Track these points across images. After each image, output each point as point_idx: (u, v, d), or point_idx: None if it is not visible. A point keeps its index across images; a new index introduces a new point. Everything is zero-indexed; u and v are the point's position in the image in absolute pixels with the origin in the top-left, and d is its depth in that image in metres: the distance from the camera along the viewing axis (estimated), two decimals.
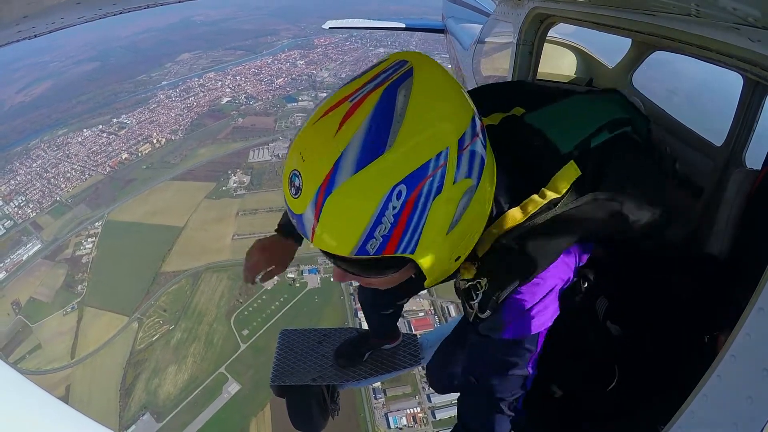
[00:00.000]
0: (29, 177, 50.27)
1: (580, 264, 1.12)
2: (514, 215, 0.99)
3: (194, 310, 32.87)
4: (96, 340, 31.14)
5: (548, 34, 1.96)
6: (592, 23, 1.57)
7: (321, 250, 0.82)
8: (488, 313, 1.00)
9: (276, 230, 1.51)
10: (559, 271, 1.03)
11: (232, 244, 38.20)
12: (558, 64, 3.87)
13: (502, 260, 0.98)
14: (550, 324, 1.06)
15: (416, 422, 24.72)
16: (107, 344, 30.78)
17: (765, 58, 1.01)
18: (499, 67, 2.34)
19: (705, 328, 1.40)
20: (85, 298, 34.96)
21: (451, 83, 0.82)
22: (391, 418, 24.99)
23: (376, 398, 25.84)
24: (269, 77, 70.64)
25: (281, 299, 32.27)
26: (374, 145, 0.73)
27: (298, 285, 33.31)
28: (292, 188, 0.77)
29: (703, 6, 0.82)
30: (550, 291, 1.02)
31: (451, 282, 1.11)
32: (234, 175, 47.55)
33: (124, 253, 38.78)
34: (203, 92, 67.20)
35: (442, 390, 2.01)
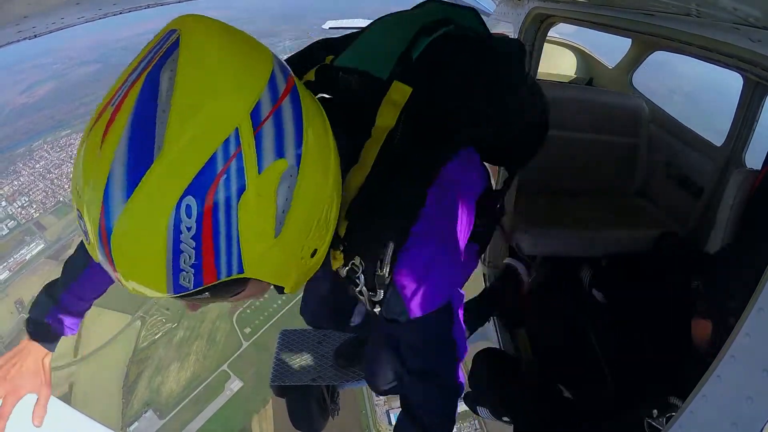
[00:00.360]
0: (32, 178, 50.41)
1: (472, 170, 0.99)
2: (358, 173, 0.84)
3: None
4: (99, 339, 31.22)
5: (548, 34, 1.96)
6: (592, 23, 1.57)
7: None
8: (381, 293, 0.87)
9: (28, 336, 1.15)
10: (441, 209, 0.87)
11: None
12: (558, 64, 3.87)
13: (365, 228, 0.82)
14: (463, 276, 0.94)
15: None
16: (110, 342, 30.87)
17: (765, 59, 1.00)
18: None
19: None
20: None
21: (233, 40, 0.62)
22: (392, 415, 24.90)
23: (377, 395, 25.87)
24: None
25: (283, 298, 32.29)
26: (140, 154, 0.54)
27: None
28: (82, 232, 0.60)
29: (704, 6, 0.82)
30: (442, 235, 0.88)
31: None
32: None
33: None
34: None
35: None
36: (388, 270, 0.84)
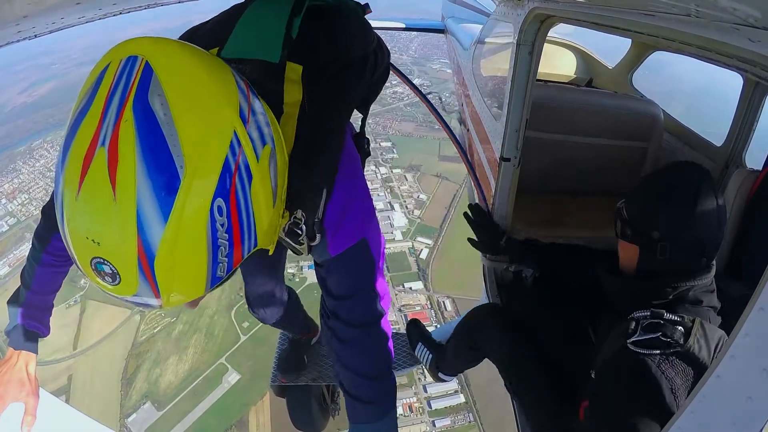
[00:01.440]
0: (32, 176, 50.33)
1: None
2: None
3: None
4: (98, 333, 31.23)
5: (548, 34, 1.96)
6: (592, 23, 1.56)
7: None
8: (318, 237, 0.98)
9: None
10: (348, 155, 1.07)
11: None
12: (558, 64, 3.87)
13: (303, 183, 0.92)
14: (374, 226, 1.08)
15: (412, 411, 24.75)
16: (109, 336, 30.85)
17: (765, 59, 1.00)
18: (499, 67, 2.33)
19: None
20: (88, 292, 34.88)
21: (197, 55, 0.69)
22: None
23: None
24: None
25: None
26: (165, 178, 0.59)
27: (297, 280, 33.27)
28: (106, 277, 0.62)
29: (703, 6, 0.82)
30: (354, 175, 1.06)
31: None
32: None
33: None
34: None
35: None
36: (321, 213, 0.97)
